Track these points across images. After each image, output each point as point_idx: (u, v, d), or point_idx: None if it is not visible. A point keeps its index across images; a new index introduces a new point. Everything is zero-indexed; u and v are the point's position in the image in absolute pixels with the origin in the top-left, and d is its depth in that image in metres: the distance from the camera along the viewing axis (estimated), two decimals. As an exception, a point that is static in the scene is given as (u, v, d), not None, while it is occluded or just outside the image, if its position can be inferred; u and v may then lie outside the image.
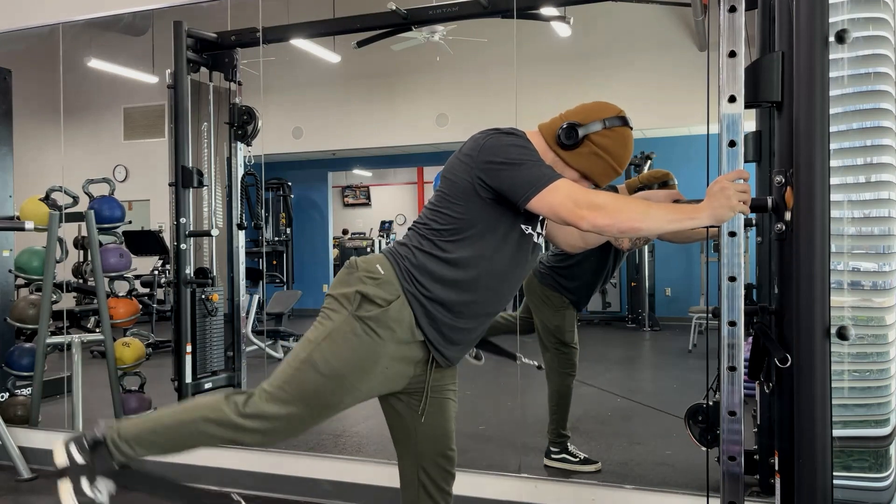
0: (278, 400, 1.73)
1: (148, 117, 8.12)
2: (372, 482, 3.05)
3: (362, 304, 1.72)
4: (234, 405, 1.75)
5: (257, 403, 1.74)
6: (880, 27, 1.59)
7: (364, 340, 1.72)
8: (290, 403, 1.73)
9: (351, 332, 1.72)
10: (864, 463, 1.60)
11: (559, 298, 3.28)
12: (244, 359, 4.14)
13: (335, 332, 1.73)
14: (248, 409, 1.73)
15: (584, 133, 1.81)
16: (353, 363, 1.73)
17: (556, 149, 1.84)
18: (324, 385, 1.73)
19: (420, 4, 3.56)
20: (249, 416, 1.73)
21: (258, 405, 1.73)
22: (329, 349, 1.72)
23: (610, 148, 1.83)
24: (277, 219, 8.94)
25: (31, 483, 3.43)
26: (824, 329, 1.48)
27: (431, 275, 1.76)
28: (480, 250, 1.76)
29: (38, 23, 3.89)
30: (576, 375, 3.32)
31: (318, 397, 1.75)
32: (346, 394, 1.75)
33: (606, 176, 1.86)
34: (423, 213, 1.84)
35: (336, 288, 1.80)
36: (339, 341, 1.72)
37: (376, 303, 1.72)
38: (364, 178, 13.73)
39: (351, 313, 1.72)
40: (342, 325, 1.73)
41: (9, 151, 4.09)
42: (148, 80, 7.10)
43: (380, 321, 1.72)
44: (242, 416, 1.73)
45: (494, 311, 1.88)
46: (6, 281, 4.07)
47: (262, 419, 1.73)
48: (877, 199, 1.59)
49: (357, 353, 1.72)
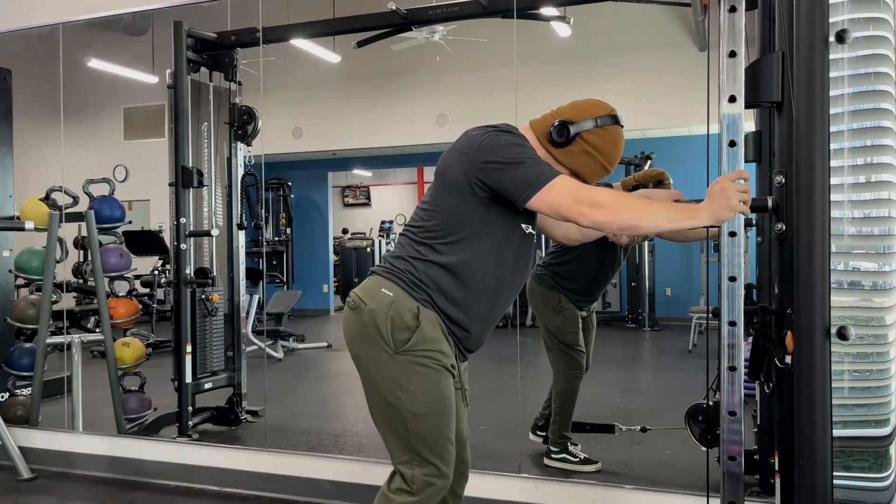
0: (418, 461, 1.75)
1: (148, 117, 8.11)
2: (372, 482, 3.04)
3: (395, 337, 1.72)
4: (403, 493, 1.76)
5: (413, 475, 1.75)
6: (880, 27, 1.59)
7: (428, 364, 1.73)
8: (430, 451, 1.75)
9: (410, 368, 1.72)
10: (864, 463, 1.60)
11: (558, 298, 3.27)
12: (244, 359, 4.14)
13: (400, 379, 1.73)
14: (415, 484, 1.74)
15: (576, 131, 1.82)
16: (436, 387, 1.74)
17: (547, 146, 1.85)
18: (433, 418, 1.75)
19: (420, 4, 3.56)
20: (421, 487, 1.74)
21: (414, 475, 1.75)
22: (410, 396, 1.73)
23: (601, 147, 1.84)
24: (277, 219, 8.94)
25: (31, 483, 3.43)
26: (824, 329, 1.48)
27: (434, 282, 1.75)
28: (479, 251, 1.76)
29: (38, 23, 3.89)
30: (582, 378, 3.30)
31: (438, 430, 1.76)
32: (450, 407, 1.77)
33: (596, 174, 1.86)
34: (416, 214, 1.82)
35: (355, 335, 1.79)
36: (410, 383, 1.73)
37: (407, 326, 1.72)
38: (364, 178, 13.73)
39: (394, 353, 1.73)
40: (398, 369, 1.73)
41: (9, 151, 4.09)
42: (148, 80, 7.09)
43: (423, 340, 1.73)
44: (417, 492, 1.75)
45: (499, 313, 1.88)
46: (6, 281, 4.07)
47: (429, 477, 1.75)
48: (877, 199, 1.59)
49: (431, 378, 1.74)
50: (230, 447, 3.48)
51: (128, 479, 3.47)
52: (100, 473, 3.54)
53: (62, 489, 3.38)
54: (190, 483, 3.37)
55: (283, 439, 3.71)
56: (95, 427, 3.79)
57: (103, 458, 3.56)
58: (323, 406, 5.01)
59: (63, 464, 3.61)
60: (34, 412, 3.74)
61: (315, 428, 4.14)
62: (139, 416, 3.90)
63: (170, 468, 3.41)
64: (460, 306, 1.77)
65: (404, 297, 1.74)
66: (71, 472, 3.58)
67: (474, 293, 1.78)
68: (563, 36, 6.09)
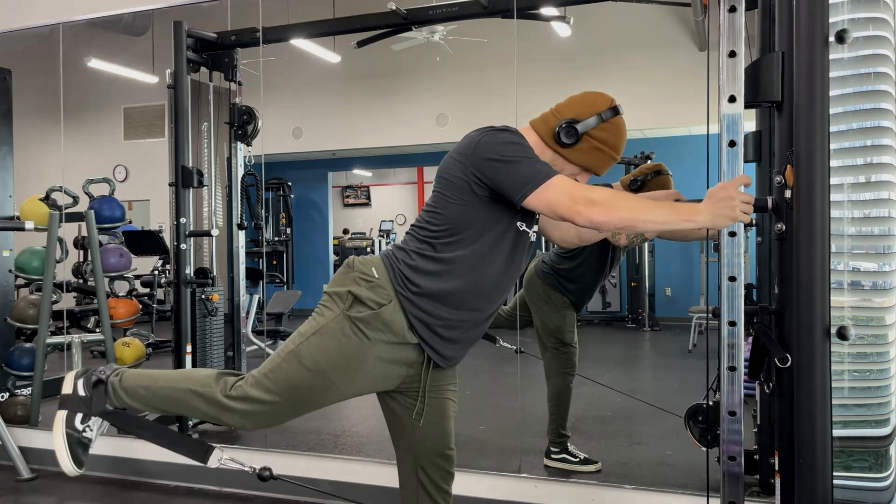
0: (263, 387, 1.77)
1: (148, 117, 8.11)
2: (372, 482, 3.05)
3: (353, 304, 1.75)
4: (223, 384, 1.80)
5: (244, 387, 1.78)
6: (880, 27, 1.59)
7: (352, 340, 1.73)
8: (273, 392, 1.76)
9: (339, 330, 1.74)
10: (864, 463, 1.60)
11: (560, 298, 3.27)
12: (244, 359, 4.14)
13: (324, 329, 1.75)
14: (235, 391, 1.78)
15: (583, 130, 1.83)
16: (337, 361, 1.74)
17: (554, 147, 1.85)
18: (306, 379, 1.76)
19: (420, 4, 3.56)
20: (234, 397, 1.78)
21: (244, 388, 1.78)
22: (316, 345, 1.75)
23: (609, 140, 1.85)
24: (277, 219, 8.95)
25: (31, 483, 3.43)
26: (824, 329, 1.48)
27: (428, 275, 1.76)
28: (478, 249, 1.76)
29: (38, 23, 3.89)
30: (575, 375, 3.32)
31: (299, 390, 1.77)
32: (329, 390, 1.77)
33: (606, 165, 1.88)
34: (421, 216, 1.84)
35: (332, 286, 1.82)
36: (326, 338, 1.75)
37: (367, 305, 1.74)
38: (364, 178, 13.73)
39: (342, 312, 1.75)
40: (332, 323, 1.75)
41: (9, 151, 4.09)
42: (148, 80, 7.09)
43: (369, 323, 1.73)
44: (227, 396, 1.78)
45: (493, 310, 1.88)
46: (6, 281, 4.07)
47: (244, 402, 1.77)
48: (877, 199, 1.59)
49: (343, 351, 1.74)
50: (230, 447, 3.48)
51: (128, 479, 3.47)
52: (100, 473, 3.53)
53: (62, 489, 3.38)
54: (190, 483, 3.37)
55: (283, 439, 3.70)
56: (95, 427, 3.78)
57: (103, 458, 3.56)
58: (323, 406, 5.00)
59: (63, 464, 3.61)
60: (34, 412, 3.74)
61: (315, 428, 4.14)
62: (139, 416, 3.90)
63: (170, 468, 3.41)
64: (453, 304, 1.77)
65: (385, 284, 1.76)
66: (71, 472, 3.58)
67: (470, 291, 1.78)
68: (563, 36, 6.09)
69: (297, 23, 3.93)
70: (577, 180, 1.82)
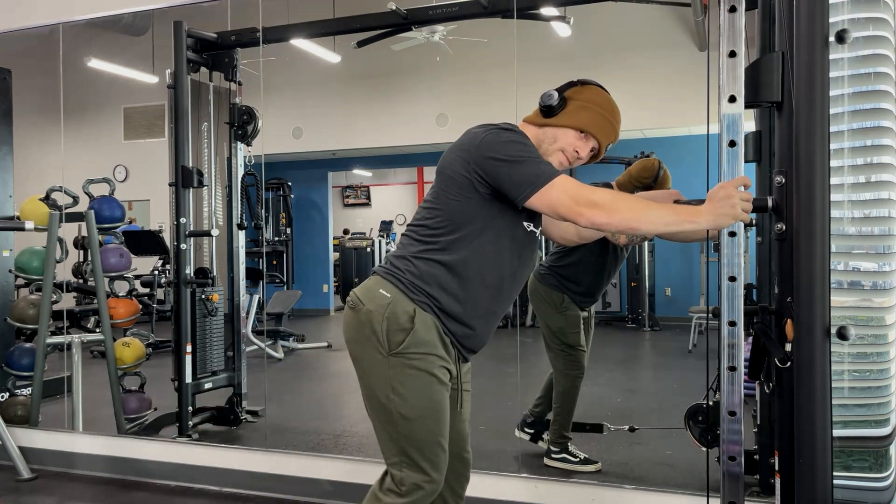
0: (408, 464, 1.75)
1: (148, 117, 8.10)
2: (372, 482, 3.04)
3: (390, 338, 1.72)
4: (393, 494, 1.76)
5: (403, 477, 1.75)
6: (880, 27, 1.59)
7: (421, 367, 1.73)
8: (420, 458, 1.75)
9: (402, 370, 1.72)
10: (864, 463, 1.60)
11: (561, 297, 3.27)
12: (244, 359, 4.14)
13: (392, 380, 1.73)
14: (404, 486, 1.75)
15: (561, 92, 1.86)
16: (427, 391, 1.74)
17: (544, 122, 1.87)
18: (424, 423, 1.75)
19: (420, 4, 3.56)
20: (410, 489, 1.75)
21: (404, 477, 1.75)
22: (402, 399, 1.73)
23: (593, 98, 1.87)
24: (277, 219, 8.94)
25: (31, 483, 3.43)
26: (824, 329, 1.48)
27: (435, 279, 1.75)
28: (480, 248, 1.76)
29: (38, 23, 3.89)
30: (583, 377, 3.31)
31: (429, 432, 1.76)
32: (441, 411, 1.77)
33: (604, 127, 1.87)
34: (419, 213, 1.83)
35: (355, 337, 1.79)
36: (402, 385, 1.73)
37: (402, 328, 1.72)
38: (364, 178, 13.73)
39: (388, 355, 1.73)
40: (391, 371, 1.73)
41: (9, 151, 4.09)
42: (148, 80, 7.09)
43: (417, 343, 1.72)
44: (407, 494, 1.75)
45: (502, 311, 1.88)
46: (6, 281, 4.07)
47: (419, 480, 1.75)
48: (877, 199, 1.59)
49: (422, 381, 1.73)
50: (230, 447, 3.48)
51: (128, 479, 3.47)
52: (100, 473, 3.54)
53: (62, 489, 3.38)
54: (190, 483, 3.37)
55: (283, 439, 3.71)
56: (95, 427, 3.79)
57: (103, 458, 3.56)
58: (323, 406, 5.00)
59: (63, 464, 3.61)
60: (34, 412, 3.74)
61: (315, 428, 4.14)
62: (139, 416, 3.90)
63: (170, 468, 3.41)
64: (462, 304, 1.77)
65: (402, 298, 1.74)
66: (71, 472, 3.58)
67: (476, 290, 1.78)
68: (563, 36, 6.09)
69: (297, 23, 3.94)
70: (578, 152, 1.84)
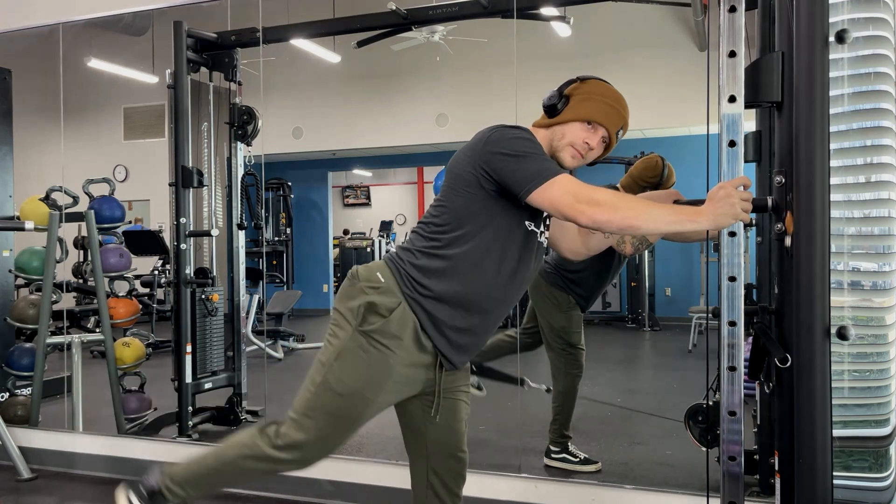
0: (305, 427, 1.77)
1: (148, 117, 8.11)
2: (372, 482, 3.05)
3: (366, 317, 1.74)
4: (267, 438, 1.79)
5: (287, 433, 1.77)
6: (880, 27, 1.59)
7: (373, 355, 1.73)
8: (317, 428, 1.76)
9: (359, 348, 1.74)
10: (864, 463, 1.60)
11: (566, 298, 3.27)
12: (244, 359, 4.14)
13: (344, 352, 1.75)
14: (281, 440, 1.77)
15: (562, 90, 1.88)
16: (366, 379, 1.75)
17: (551, 122, 1.88)
18: (344, 404, 1.76)
19: (420, 4, 3.56)
20: (283, 447, 1.77)
21: (289, 435, 1.77)
22: (341, 369, 1.75)
23: (594, 89, 1.88)
24: (277, 219, 8.94)
25: (31, 483, 3.43)
26: (824, 329, 1.48)
27: (434, 273, 1.76)
28: (482, 246, 1.77)
29: (38, 23, 3.89)
30: (582, 376, 3.32)
31: (340, 416, 1.77)
32: (367, 407, 1.78)
33: (611, 116, 1.87)
34: (428, 211, 1.86)
35: (341, 302, 1.82)
36: (348, 360, 1.75)
37: (380, 313, 1.73)
38: (364, 178, 13.73)
39: (355, 329, 1.74)
40: (349, 343, 1.75)
41: (9, 151, 4.09)
42: (148, 80, 7.09)
43: (385, 333, 1.73)
44: (277, 448, 1.78)
45: (500, 313, 1.87)
46: (6, 281, 4.07)
47: (295, 449, 1.77)
48: (877, 199, 1.59)
49: (369, 368, 1.74)
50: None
51: (128, 479, 3.46)
52: (100, 473, 3.53)
53: (62, 489, 3.38)
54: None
55: (283, 439, 3.70)
56: (95, 427, 3.79)
57: (103, 458, 3.56)
58: (323, 406, 4.99)
59: (63, 464, 3.61)
60: (34, 412, 3.74)
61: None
62: (139, 415, 3.90)
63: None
64: (461, 303, 1.77)
65: (393, 287, 1.76)
66: (71, 472, 3.58)
67: (476, 289, 1.78)
68: (563, 36, 6.09)
69: (297, 23, 3.94)
70: (588, 143, 1.84)
